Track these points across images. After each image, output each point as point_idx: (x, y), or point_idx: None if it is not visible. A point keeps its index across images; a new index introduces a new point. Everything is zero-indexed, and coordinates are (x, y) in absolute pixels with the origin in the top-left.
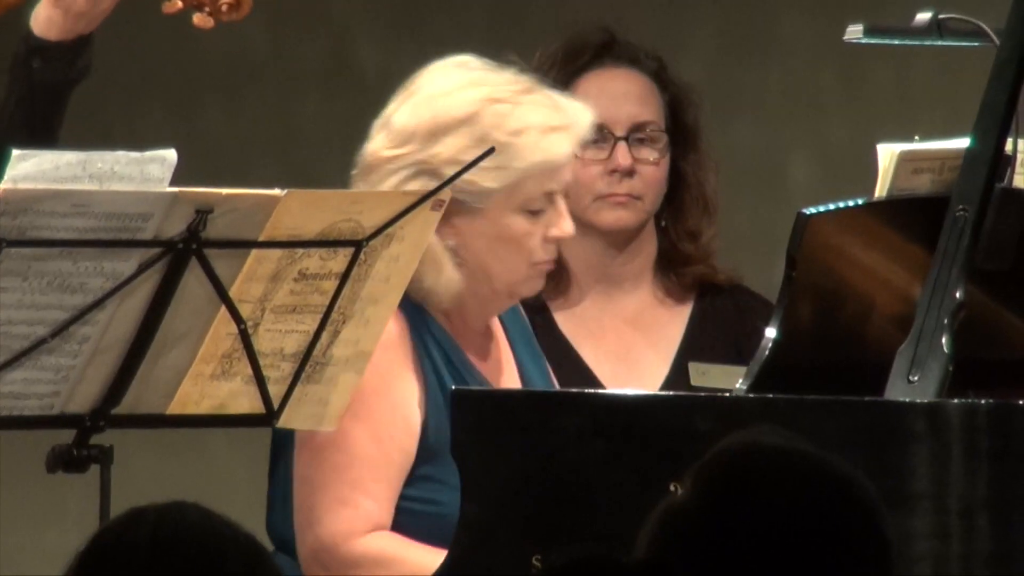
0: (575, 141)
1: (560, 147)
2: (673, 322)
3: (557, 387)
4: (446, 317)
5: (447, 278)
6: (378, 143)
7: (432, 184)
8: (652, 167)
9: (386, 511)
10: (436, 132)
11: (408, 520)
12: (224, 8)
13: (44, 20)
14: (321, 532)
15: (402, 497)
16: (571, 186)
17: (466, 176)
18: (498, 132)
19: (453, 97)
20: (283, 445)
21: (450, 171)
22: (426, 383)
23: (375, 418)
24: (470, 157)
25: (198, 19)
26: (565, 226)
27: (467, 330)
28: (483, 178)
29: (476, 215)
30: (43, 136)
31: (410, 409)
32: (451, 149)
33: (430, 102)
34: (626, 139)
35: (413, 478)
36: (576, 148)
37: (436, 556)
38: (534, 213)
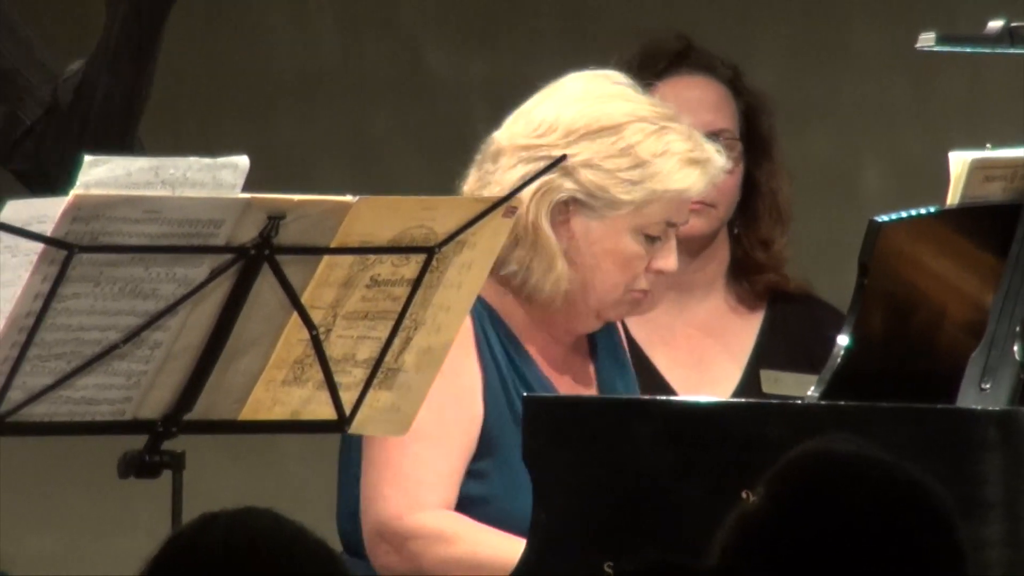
0: (708, 181)
1: (695, 181)
2: (745, 329)
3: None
4: (521, 314)
5: (557, 275)
6: (516, 130)
7: (561, 181)
8: (726, 175)
9: (449, 487)
10: (579, 132)
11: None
12: None
13: None
14: (382, 506)
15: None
16: None
17: (600, 182)
18: (642, 149)
19: (603, 104)
20: (350, 448)
21: (585, 174)
22: (487, 378)
23: (438, 400)
24: (612, 165)
25: None
26: (671, 260)
27: (545, 331)
28: (618, 189)
29: (596, 223)
30: (148, 62)
31: (474, 398)
32: (590, 152)
33: (577, 103)
34: None
35: (467, 472)
36: (706, 189)
37: (495, 536)
38: (650, 239)
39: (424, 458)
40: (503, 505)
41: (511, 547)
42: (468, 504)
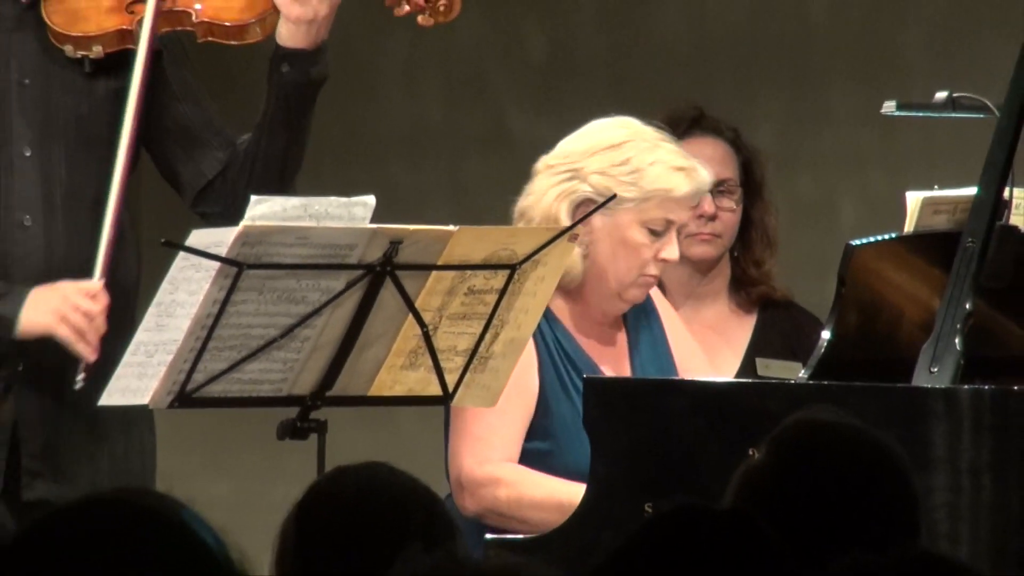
0: (694, 186)
1: (681, 184)
2: (743, 328)
3: (679, 369)
4: (566, 307)
5: (572, 262)
6: (547, 158)
7: (577, 187)
8: (729, 213)
9: (513, 446)
10: (590, 151)
11: (524, 462)
12: (441, 9)
13: (285, 33)
14: (462, 463)
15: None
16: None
17: (606, 183)
18: (637, 160)
19: (608, 131)
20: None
21: (594, 179)
22: (540, 358)
23: None
24: (614, 172)
25: (421, 19)
26: (673, 251)
27: (585, 317)
28: (619, 188)
29: (608, 218)
30: (299, 132)
31: (529, 375)
32: (600, 163)
33: (588, 132)
34: (711, 192)
35: (533, 431)
36: (693, 193)
37: (545, 479)
38: (653, 232)
39: (491, 424)
40: (560, 456)
41: (558, 487)
42: (536, 456)
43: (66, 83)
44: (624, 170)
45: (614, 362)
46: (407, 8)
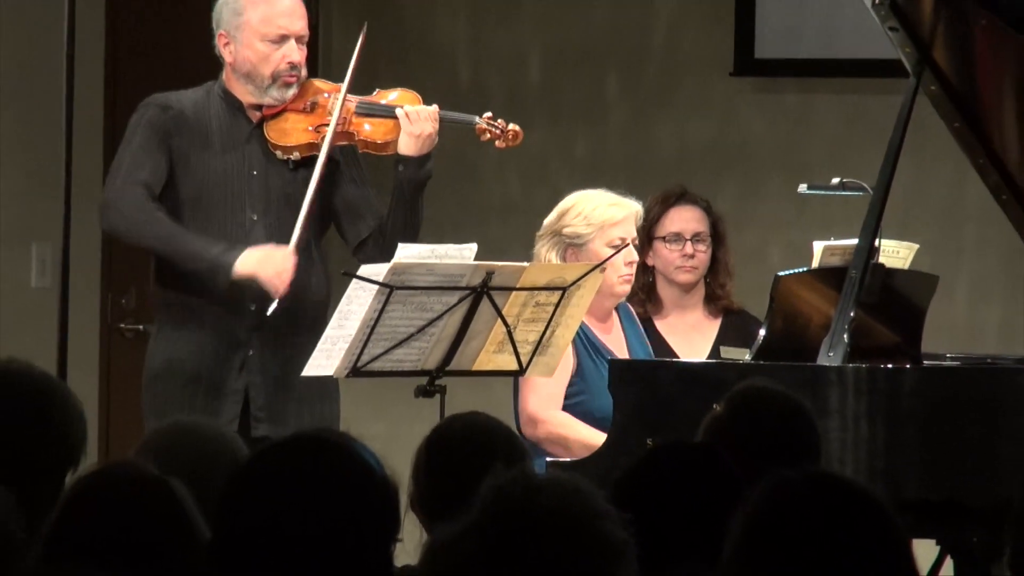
0: (626, 211)
1: (615, 213)
2: (712, 327)
3: (652, 355)
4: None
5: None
6: (538, 233)
7: (559, 241)
8: (703, 253)
9: (560, 398)
10: (558, 216)
11: (571, 406)
12: (511, 138)
13: (401, 143)
14: (527, 408)
15: (565, 398)
16: (663, 262)
17: (573, 231)
18: (583, 207)
19: (565, 203)
20: (517, 387)
21: (567, 231)
22: (574, 342)
23: None
24: (575, 221)
25: (498, 144)
26: (632, 255)
27: (596, 316)
28: (579, 229)
29: (582, 249)
30: (414, 209)
31: (568, 356)
32: (566, 220)
33: (556, 208)
34: (691, 240)
35: (572, 386)
36: (627, 216)
37: (589, 429)
38: (614, 247)
39: (547, 383)
40: (591, 401)
41: (589, 433)
42: (578, 402)
43: (279, 173)
44: (581, 218)
45: (615, 342)
46: (488, 136)
